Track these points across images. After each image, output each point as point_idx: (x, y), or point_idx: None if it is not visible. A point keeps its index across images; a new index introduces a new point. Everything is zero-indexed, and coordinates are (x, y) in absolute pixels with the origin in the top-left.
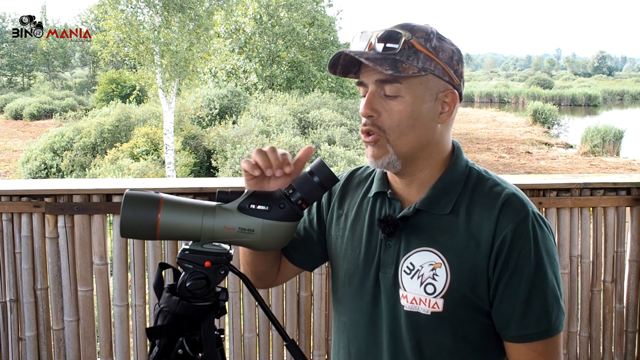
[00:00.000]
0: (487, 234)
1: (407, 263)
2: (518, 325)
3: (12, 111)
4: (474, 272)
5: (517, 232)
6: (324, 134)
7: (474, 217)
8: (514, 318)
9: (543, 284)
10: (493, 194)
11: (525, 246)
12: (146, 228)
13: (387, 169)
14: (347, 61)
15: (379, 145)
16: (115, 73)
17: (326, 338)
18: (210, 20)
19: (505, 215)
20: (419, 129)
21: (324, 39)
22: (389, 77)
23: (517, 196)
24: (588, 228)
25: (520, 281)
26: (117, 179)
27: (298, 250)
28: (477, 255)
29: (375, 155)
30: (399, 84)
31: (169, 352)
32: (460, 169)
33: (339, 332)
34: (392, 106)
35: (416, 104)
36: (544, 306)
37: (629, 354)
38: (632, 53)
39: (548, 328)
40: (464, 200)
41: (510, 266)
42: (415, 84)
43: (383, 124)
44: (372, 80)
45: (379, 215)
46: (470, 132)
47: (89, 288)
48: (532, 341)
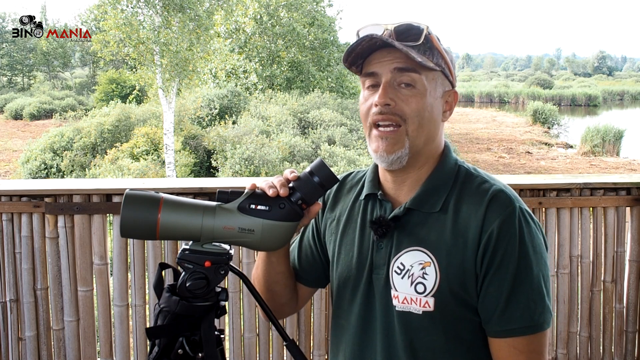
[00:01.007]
0: (474, 230)
1: (398, 263)
2: (499, 320)
3: (12, 111)
4: (462, 269)
5: (504, 227)
6: (324, 134)
7: (461, 213)
8: (496, 312)
9: (527, 279)
10: (481, 190)
11: (511, 241)
12: (146, 228)
13: (392, 165)
14: (364, 49)
15: (396, 139)
16: (115, 73)
17: (326, 338)
18: (210, 20)
19: (492, 211)
20: (431, 123)
21: (324, 39)
22: (409, 65)
23: (504, 192)
24: (588, 228)
25: (505, 276)
26: (117, 179)
27: (308, 272)
28: (465, 251)
29: (389, 150)
30: (418, 74)
31: (169, 352)
32: (449, 166)
33: (337, 334)
34: (407, 96)
35: (428, 97)
36: (526, 302)
37: (629, 354)
38: (632, 53)
39: (530, 324)
40: (453, 197)
41: (496, 261)
42: (430, 78)
43: (403, 112)
44: (389, 69)
45: (370, 217)
46: (470, 132)
47: (89, 288)
48: (513, 337)
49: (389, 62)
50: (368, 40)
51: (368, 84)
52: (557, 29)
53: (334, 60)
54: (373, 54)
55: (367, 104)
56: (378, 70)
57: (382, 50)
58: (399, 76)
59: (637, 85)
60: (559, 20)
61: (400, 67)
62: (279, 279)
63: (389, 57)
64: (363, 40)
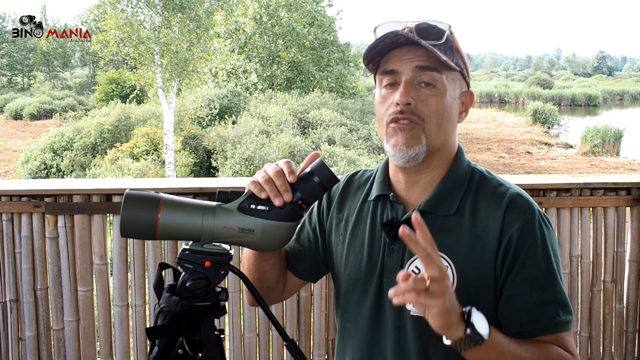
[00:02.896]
0: (493, 233)
1: (413, 267)
2: (528, 322)
3: (12, 111)
4: (480, 273)
5: (525, 230)
6: (323, 134)
7: (479, 217)
8: (524, 314)
9: (552, 280)
10: (497, 193)
11: (532, 245)
12: (146, 228)
13: (409, 162)
14: (385, 46)
15: (414, 135)
16: (115, 73)
17: (326, 338)
18: (210, 20)
19: (511, 215)
20: (449, 123)
21: (324, 39)
22: (431, 64)
23: (521, 196)
24: (588, 228)
25: (528, 279)
26: (117, 179)
27: (301, 262)
28: (483, 255)
29: (408, 143)
30: (439, 73)
31: (169, 352)
32: (463, 169)
33: (344, 338)
34: (427, 96)
35: (447, 97)
36: (554, 302)
37: (629, 354)
38: (632, 53)
39: (559, 322)
40: (468, 200)
41: (518, 264)
42: (450, 78)
43: (421, 112)
44: (410, 67)
45: (381, 219)
46: (470, 132)
47: (89, 288)
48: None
49: (410, 60)
50: (391, 37)
51: (386, 82)
52: (557, 29)
53: (334, 60)
54: (392, 51)
55: (387, 103)
56: (398, 68)
57: (403, 48)
58: (420, 75)
59: (637, 85)
60: (559, 20)
61: (422, 65)
62: (268, 258)
63: (410, 55)
64: (386, 37)
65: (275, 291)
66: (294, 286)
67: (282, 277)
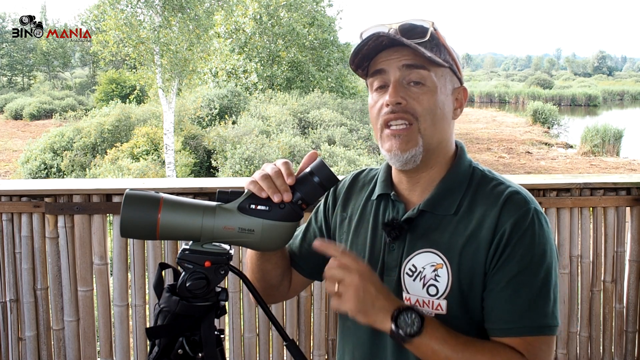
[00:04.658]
0: (487, 230)
1: (410, 265)
2: (498, 318)
3: (12, 111)
4: (473, 270)
5: (516, 226)
6: (323, 134)
7: (475, 215)
8: (495, 310)
9: (532, 279)
10: (496, 192)
11: (519, 242)
12: (146, 228)
13: (407, 164)
14: (370, 49)
15: (409, 137)
16: (115, 73)
17: (326, 338)
18: (210, 20)
19: (506, 212)
20: (444, 120)
21: (324, 39)
22: (418, 62)
23: (519, 193)
24: (588, 228)
25: (509, 271)
26: (117, 179)
27: (307, 261)
28: (477, 253)
29: (403, 148)
30: (427, 71)
31: (169, 352)
32: (464, 168)
33: (344, 336)
34: (418, 94)
35: (439, 94)
36: (527, 302)
37: (629, 354)
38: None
39: (529, 325)
40: (467, 200)
41: (502, 260)
42: (439, 74)
43: (415, 110)
44: (397, 66)
45: (382, 218)
46: (470, 132)
47: (89, 288)
48: (510, 336)
49: (396, 60)
50: (374, 39)
51: (376, 85)
52: (557, 29)
53: (334, 60)
54: (379, 54)
55: (377, 105)
56: (386, 67)
57: (389, 49)
58: (408, 74)
59: (637, 85)
60: (559, 20)
61: (408, 63)
62: (270, 257)
63: (396, 55)
64: (369, 39)
65: (280, 290)
66: (300, 284)
67: (285, 275)
